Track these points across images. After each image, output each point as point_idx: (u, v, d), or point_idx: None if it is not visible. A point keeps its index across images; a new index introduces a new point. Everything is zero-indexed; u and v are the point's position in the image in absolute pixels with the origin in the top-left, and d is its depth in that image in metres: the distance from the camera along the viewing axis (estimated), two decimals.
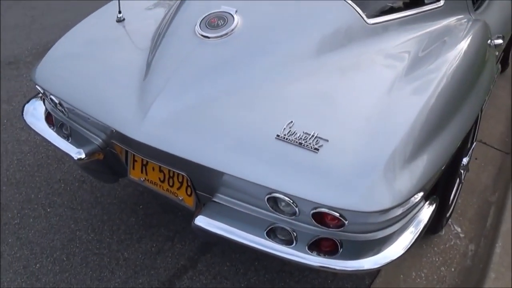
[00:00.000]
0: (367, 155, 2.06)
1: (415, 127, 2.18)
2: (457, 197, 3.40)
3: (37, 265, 3.11)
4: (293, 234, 2.17)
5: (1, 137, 4.25)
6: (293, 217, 2.14)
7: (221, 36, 2.52)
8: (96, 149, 2.64)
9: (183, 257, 3.16)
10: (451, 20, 3.05)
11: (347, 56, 2.53)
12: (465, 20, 3.11)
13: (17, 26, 6.52)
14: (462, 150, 2.90)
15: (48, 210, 3.52)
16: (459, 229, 3.35)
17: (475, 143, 3.42)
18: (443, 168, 2.42)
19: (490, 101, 4.31)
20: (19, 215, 3.47)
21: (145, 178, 2.62)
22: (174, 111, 2.29)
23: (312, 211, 2.04)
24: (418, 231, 2.29)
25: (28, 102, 3.14)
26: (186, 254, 3.18)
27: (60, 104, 2.69)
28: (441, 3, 3.02)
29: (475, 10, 3.36)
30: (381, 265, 2.16)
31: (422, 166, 2.17)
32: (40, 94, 3.00)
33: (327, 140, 2.06)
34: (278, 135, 2.11)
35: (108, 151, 2.66)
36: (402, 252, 2.20)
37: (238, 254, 3.13)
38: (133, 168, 2.65)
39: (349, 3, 2.64)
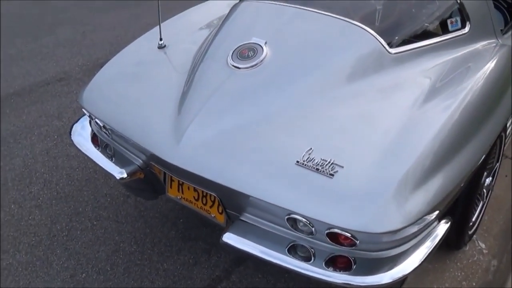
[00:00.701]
0: (379, 177, 2.21)
1: (431, 149, 2.31)
2: (483, 215, 3.48)
3: (83, 274, 3.33)
4: (312, 251, 2.34)
5: (52, 153, 4.50)
6: (311, 235, 2.30)
7: (251, 66, 2.68)
8: (137, 169, 2.83)
9: (218, 269, 3.33)
10: (477, 46, 3.08)
11: (369, 85, 2.65)
12: (492, 45, 3.15)
13: (68, 42, 6.75)
14: (483, 170, 2.99)
15: (95, 223, 3.74)
16: (483, 245, 3.44)
17: (498, 164, 3.49)
18: (461, 185, 2.53)
19: None
20: (67, 227, 3.69)
21: (181, 197, 2.81)
22: (205, 138, 2.47)
23: (326, 231, 2.20)
24: (432, 246, 2.41)
25: (76, 122, 3.35)
26: (221, 265, 3.36)
27: (104, 126, 2.90)
28: (466, 30, 3.03)
29: (503, 34, 3.35)
30: (395, 280, 2.29)
31: (435, 187, 2.29)
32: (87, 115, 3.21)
33: (342, 167, 2.21)
34: (298, 161, 2.27)
35: (148, 171, 2.85)
36: (417, 264, 2.34)
37: (269, 267, 3.22)
38: (171, 187, 2.84)
39: (372, 35, 2.76)
